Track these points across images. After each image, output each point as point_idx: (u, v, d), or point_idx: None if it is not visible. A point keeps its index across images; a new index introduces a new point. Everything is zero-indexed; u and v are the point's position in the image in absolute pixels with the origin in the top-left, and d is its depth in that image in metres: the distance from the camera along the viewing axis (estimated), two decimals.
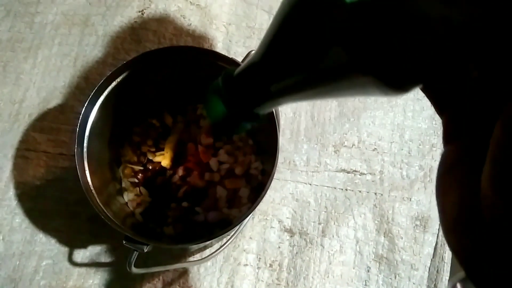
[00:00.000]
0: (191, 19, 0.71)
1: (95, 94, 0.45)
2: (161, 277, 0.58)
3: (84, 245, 0.58)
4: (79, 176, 0.43)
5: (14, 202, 0.60)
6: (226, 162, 0.58)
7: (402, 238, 0.60)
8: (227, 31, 0.71)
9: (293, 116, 0.66)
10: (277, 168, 0.48)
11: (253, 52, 0.48)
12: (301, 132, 0.65)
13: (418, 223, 0.61)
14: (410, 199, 0.62)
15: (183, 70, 0.53)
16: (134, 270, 0.43)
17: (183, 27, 0.70)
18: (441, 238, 0.61)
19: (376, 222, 0.61)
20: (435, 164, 0.64)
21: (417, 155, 0.64)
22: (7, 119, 0.64)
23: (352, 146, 0.64)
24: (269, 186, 0.44)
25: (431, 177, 0.63)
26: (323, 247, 0.60)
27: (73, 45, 0.69)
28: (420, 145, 0.65)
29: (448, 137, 0.20)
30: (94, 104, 0.45)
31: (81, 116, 0.44)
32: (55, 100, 0.65)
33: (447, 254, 0.60)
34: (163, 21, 0.70)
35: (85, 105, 0.44)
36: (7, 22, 0.70)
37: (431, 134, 0.66)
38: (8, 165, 0.61)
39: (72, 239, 0.58)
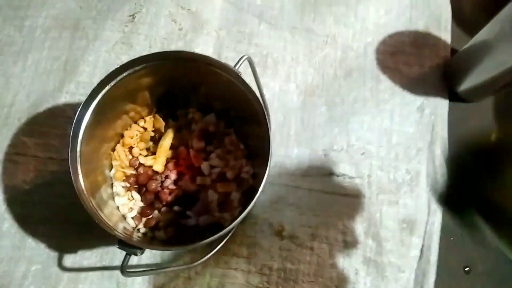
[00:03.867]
0: (182, 24, 0.71)
1: (89, 98, 0.45)
2: (152, 281, 0.58)
3: (74, 250, 0.58)
4: (73, 179, 0.42)
5: (3, 207, 0.59)
6: (218, 166, 0.58)
7: (389, 241, 0.61)
8: (218, 36, 0.71)
9: (283, 120, 0.67)
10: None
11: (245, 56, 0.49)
12: (291, 136, 0.66)
13: (405, 226, 0.62)
14: (397, 202, 0.63)
15: (175, 75, 0.53)
16: (128, 274, 0.43)
17: (174, 31, 0.71)
18: (427, 240, 0.62)
19: (364, 225, 0.62)
20: (422, 168, 0.65)
21: (404, 159, 0.66)
22: None
23: (341, 150, 0.65)
24: (261, 190, 0.45)
25: (417, 181, 0.65)
26: (313, 251, 0.60)
27: (64, 49, 0.68)
28: (407, 149, 0.66)
29: None
30: (88, 108, 0.45)
31: (74, 120, 0.44)
32: (45, 104, 0.65)
33: (433, 257, 0.61)
34: (154, 26, 0.71)
35: (79, 109, 0.44)
36: None
37: (417, 138, 0.67)
38: None
39: (62, 244, 0.58)
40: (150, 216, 0.56)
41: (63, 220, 0.59)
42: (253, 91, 0.48)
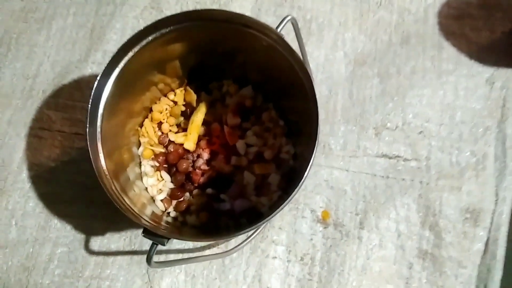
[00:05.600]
0: None
1: (108, 66, 0.39)
2: (183, 268, 0.53)
3: (101, 232, 0.55)
4: (91, 159, 0.38)
5: (27, 185, 0.56)
6: (255, 145, 0.53)
7: (450, 232, 0.54)
8: None
9: (329, 94, 0.60)
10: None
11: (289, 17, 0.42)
12: (337, 112, 0.59)
13: (468, 216, 0.55)
14: (460, 189, 0.55)
15: (207, 40, 0.47)
16: (154, 265, 0.39)
17: None
18: (494, 233, 0.54)
19: (421, 214, 0.55)
20: (489, 150, 0.57)
21: (469, 139, 0.57)
22: (20, 95, 0.60)
23: (396, 128, 0.58)
24: (307, 175, 0.39)
25: (484, 165, 0.56)
26: (361, 241, 0.54)
27: (89, 15, 0.64)
28: (472, 128, 0.58)
29: None
30: (108, 78, 0.40)
31: (93, 92, 0.39)
32: (71, 75, 0.61)
33: (500, 251, 0.53)
34: None
35: (98, 79, 0.39)
36: None
37: (486, 116, 0.58)
38: (21, 145, 0.57)
39: (88, 226, 0.55)
40: (181, 199, 0.51)
41: (90, 200, 0.55)
42: (298, 57, 0.41)
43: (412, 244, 0.54)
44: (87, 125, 0.38)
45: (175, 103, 0.54)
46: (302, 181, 0.38)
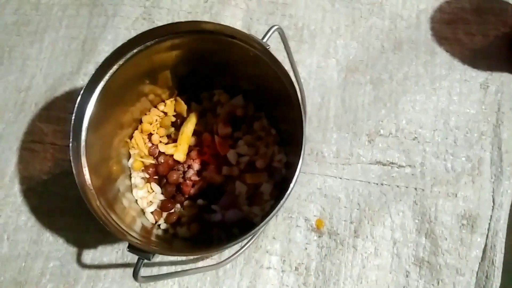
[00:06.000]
0: None
1: (92, 79, 0.39)
2: (176, 281, 0.53)
3: (94, 245, 0.54)
4: (74, 174, 0.37)
5: (19, 199, 0.56)
6: (246, 155, 0.52)
7: (446, 239, 0.53)
8: (247, 8, 0.64)
9: (321, 102, 0.59)
10: (303, 161, 0.41)
11: (275, 27, 0.41)
12: (330, 119, 0.58)
13: (464, 222, 0.54)
14: (456, 195, 0.54)
15: (197, 50, 0.46)
16: (142, 279, 0.38)
17: (199, 4, 0.64)
18: (491, 239, 0.53)
19: (417, 221, 0.54)
20: (485, 155, 0.56)
21: (464, 144, 0.56)
22: (12, 108, 0.60)
23: (389, 135, 0.57)
24: (295, 181, 0.38)
25: (480, 170, 0.55)
26: (356, 249, 0.53)
27: (81, 27, 0.64)
28: (467, 133, 0.57)
29: None
30: (92, 92, 0.40)
31: (76, 105, 0.39)
32: (63, 88, 0.60)
33: (498, 258, 0.52)
34: None
35: (81, 92, 0.39)
36: (13, 4, 0.66)
37: (480, 121, 0.57)
38: (13, 159, 0.57)
39: (81, 239, 0.54)
40: (172, 211, 0.51)
41: (83, 213, 0.53)
42: (283, 67, 0.40)
43: (408, 251, 0.53)
44: (70, 140, 0.38)
45: (165, 114, 0.54)
46: (290, 188, 0.38)
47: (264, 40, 0.42)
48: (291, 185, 0.38)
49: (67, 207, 0.55)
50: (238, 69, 0.50)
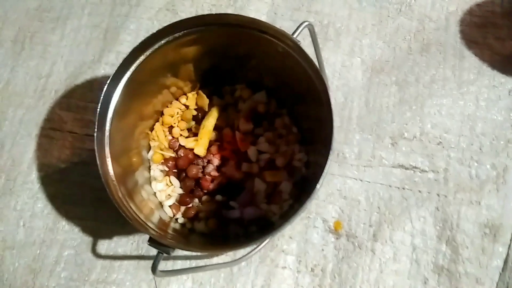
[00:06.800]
0: None
1: (119, 70, 0.39)
2: (190, 276, 0.52)
3: (109, 236, 0.54)
4: (98, 164, 0.37)
5: (36, 186, 0.55)
6: (267, 152, 0.51)
7: (467, 247, 0.52)
8: (272, 2, 0.63)
9: (344, 102, 0.58)
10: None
11: (306, 23, 0.40)
12: (353, 120, 0.57)
13: (487, 231, 0.52)
14: (480, 203, 0.53)
15: (221, 44, 0.45)
16: (160, 274, 0.38)
17: None
18: None
19: (438, 227, 0.53)
20: (511, 164, 0.54)
21: (490, 151, 0.55)
22: (32, 94, 0.59)
23: (413, 138, 0.56)
24: (322, 183, 0.37)
25: (505, 178, 0.54)
26: (374, 253, 0.52)
27: (104, 16, 0.63)
28: (493, 140, 0.55)
29: None
30: (119, 81, 0.39)
31: (102, 95, 0.38)
32: (83, 76, 0.60)
33: None
34: None
35: (108, 82, 0.38)
36: None
37: (507, 128, 0.56)
38: (31, 145, 0.57)
39: (96, 229, 0.54)
40: (190, 205, 0.50)
41: (99, 203, 0.54)
42: (314, 65, 0.39)
43: (428, 258, 0.52)
44: (96, 130, 0.37)
45: (187, 107, 0.53)
46: (315, 190, 0.37)
47: (294, 36, 0.41)
48: (318, 186, 0.37)
49: (84, 196, 0.55)
50: (262, 64, 0.49)
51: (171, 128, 0.52)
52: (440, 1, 0.62)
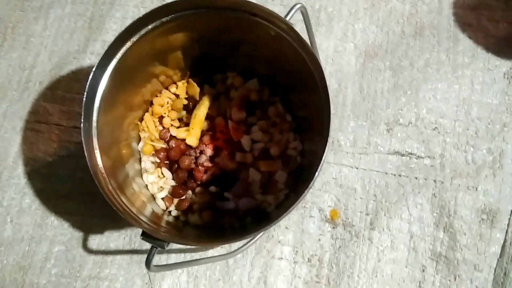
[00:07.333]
0: None
1: (104, 57, 0.37)
2: (185, 269, 0.51)
3: (100, 230, 0.52)
4: (86, 156, 0.35)
5: (23, 181, 0.54)
6: (260, 141, 0.50)
7: (465, 234, 0.51)
8: None
9: (338, 88, 0.57)
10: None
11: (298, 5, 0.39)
12: (347, 106, 0.56)
13: (484, 217, 0.52)
14: (476, 188, 0.53)
15: (211, 30, 0.44)
16: (154, 268, 0.36)
17: None
18: (511, 235, 0.51)
19: (435, 214, 0.52)
20: (507, 148, 0.54)
21: (486, 136, 0.54)
22: (16, 87, 0.57)
23: (409, 124, 0.55)
24: (318, 173, 0.36)
25: (501, 163, 0.54)
26: (371, 242, 0.51)
27: (88, 4, 0.61)
28: (489, 124, 0.55)
29: None
30: (105, 69, 0.37)
31: (88, 84, 0.37)
32: (69, 66, 0.58)
33: None
34: None
35: (93, 70, 0.36)
36: None
37: (503, 112, 0.55)
38: (17, 139, 0.55)
39: (87, 223, 0.52)
40: (183, 197, 0.49)
41: (89, 197, 0.53)
42: (310, 48, 0.38)
43: (425, 246, 0.51)
44: (82, 120, 0.36)
45: (177, 96, 0.52)
46: (313, 180, 0.36)
47: (287, 19, 0.39)
48: (316, 174, 0.36)
49: (73, 191, 0.53)
50: (255, 50, 0.47)
51: (161, 118, 0.51)
52: None
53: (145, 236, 0.36)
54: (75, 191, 0.53)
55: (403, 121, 0.55)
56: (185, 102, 0.52)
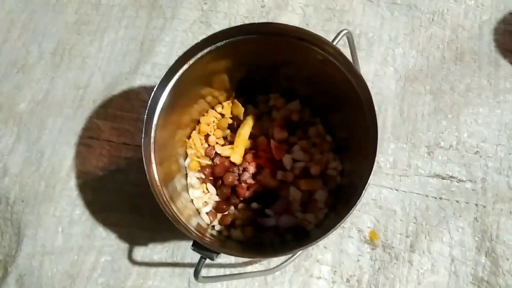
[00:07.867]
0: (265, 0, 0.64)
1: (165, 77, 0.40)
2: (225, 284, 0.52)
3: (144, 242, 0.54)
4: (145, 168, 0.38)
5: (75, 193, 0.57)
6: (301, 160, 0.51)
7: (508, 259, 0.50)
8: (304, 14, 0.64)
9: (378, 111, 0.57)
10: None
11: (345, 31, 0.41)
12: (387, 129, 0.57)
13: None
14: None
15: (258, 53, 0.46)
16: (202, 279, 0.38)
17: (256, 8, 0.64)
18: None
19: (477, 238, 0.51)
20: None
21: None
22: (71, 104, 0.61)
23: (450, 147, 0.55)
24: (364, 193, 0.37)
25: None
26: (411, 264, 0.51)
27: (140, 28, 0.65)
28: None
29: None
30: (164, 89, 0.40)
31: (149, 102, 0.39)
32: (120, 86, 0.61)
33: None
34: (234, 3, 0.64)
35: (155, 89, 0.39)
36: (74, 4, 0.67)
37: None
38: (70, 154, 0.58)
39: (132, 235, 0.55)
40: (226, 213, 0.50)
41: (135, 210, 0.55)
42: (357, 71, 0.40)
43: (467, 270, 0.51)
44: (143, 135, 0.38)
45: (223, 115, 0.54)
46: (357, 202, 0.37)
47: (334, 43, 0.41)
48: (361, 196, 0.37)
49: (121, 204, 0.56)
50: (298, 72, 0.49)
51: (207, 136, 0.53)
52: (473, 10, 0.62)
53: (195, 246, 0.37)
54: (123, 204, 0.56)
55: (444, 144, 0.55)
56: (230, 121, 0.54)
